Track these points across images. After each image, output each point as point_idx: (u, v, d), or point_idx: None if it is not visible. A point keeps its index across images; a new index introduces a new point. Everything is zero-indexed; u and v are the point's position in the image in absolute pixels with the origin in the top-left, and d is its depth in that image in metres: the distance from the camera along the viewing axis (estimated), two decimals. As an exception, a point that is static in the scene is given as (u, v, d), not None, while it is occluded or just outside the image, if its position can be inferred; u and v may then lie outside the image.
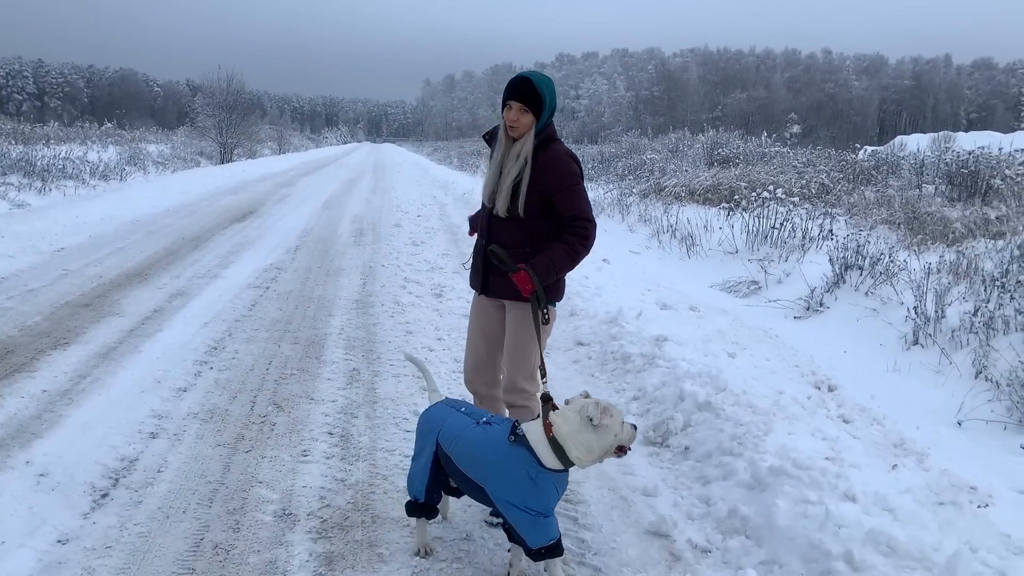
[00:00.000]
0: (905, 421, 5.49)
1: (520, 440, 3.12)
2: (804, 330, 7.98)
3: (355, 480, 4.19)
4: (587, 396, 3.27)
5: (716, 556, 3.57)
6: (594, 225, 3.72)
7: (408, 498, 3.49)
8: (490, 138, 3.90)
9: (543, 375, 3.52)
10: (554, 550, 3.10)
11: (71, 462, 4.25)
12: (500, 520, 3.33)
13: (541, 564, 3.23)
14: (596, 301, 7.90)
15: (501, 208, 3.72)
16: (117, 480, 4.10)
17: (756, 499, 3.79)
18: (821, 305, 8.38)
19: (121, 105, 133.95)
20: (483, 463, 3.18)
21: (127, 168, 25.82)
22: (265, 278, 9.41)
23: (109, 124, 44.75)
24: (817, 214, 11.57)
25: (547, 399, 3.28)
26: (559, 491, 3.19)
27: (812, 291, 8.55)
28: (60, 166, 20.96)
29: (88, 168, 22.41)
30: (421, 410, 5.10)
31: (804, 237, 10.45)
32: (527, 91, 3.58)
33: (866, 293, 8.15)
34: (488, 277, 3.86)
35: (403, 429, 4.88)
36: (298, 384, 5.67)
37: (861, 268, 8.47)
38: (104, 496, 3.93)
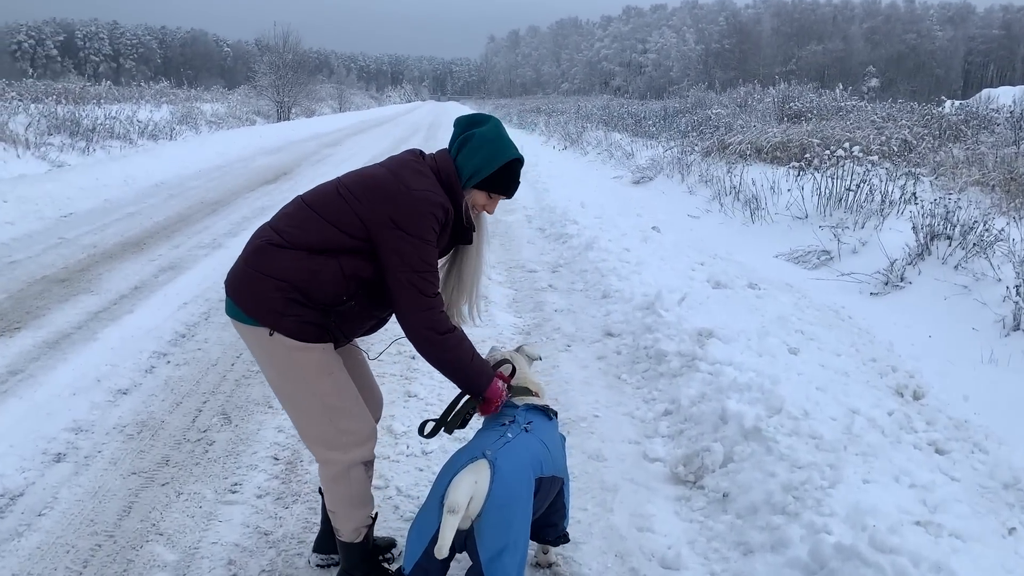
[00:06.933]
0: (1013, 439, 4.36)
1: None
2: (882, 310, 7.10)
3: (283, 534, 3.19)
4: (519, 350, 3.04)
5: None
6: None
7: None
8: (446, 227, 2.64)
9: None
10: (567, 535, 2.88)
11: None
12: None
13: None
14: (634, 279, 6.73)
15: (480, 314, 3.10)
16: (-17, 528, 3.20)
17: (816, 594, 2.67)
18: (902, 280, 7.43)
19: (192, 65, 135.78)
20: (560, 455, 2.76)
21: (178, 127, 25.34)
22: (272, 248, 8.51)
23: (165, 82, 44.58)
24: (898, 174, 10.26)
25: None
26: None
27: (892, 263, 7.56)
28: (108, 126, 20.45)
29: (137, 128, 21.92)
30: (398, 427, 4.15)
31: (884, 201, 9.33)
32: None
33: (956, 267, 7.16)
34: None
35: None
36: (261, 386, 4.67)
37: (950, 237, 7.49)
38: (-49, 556, 3.02)
